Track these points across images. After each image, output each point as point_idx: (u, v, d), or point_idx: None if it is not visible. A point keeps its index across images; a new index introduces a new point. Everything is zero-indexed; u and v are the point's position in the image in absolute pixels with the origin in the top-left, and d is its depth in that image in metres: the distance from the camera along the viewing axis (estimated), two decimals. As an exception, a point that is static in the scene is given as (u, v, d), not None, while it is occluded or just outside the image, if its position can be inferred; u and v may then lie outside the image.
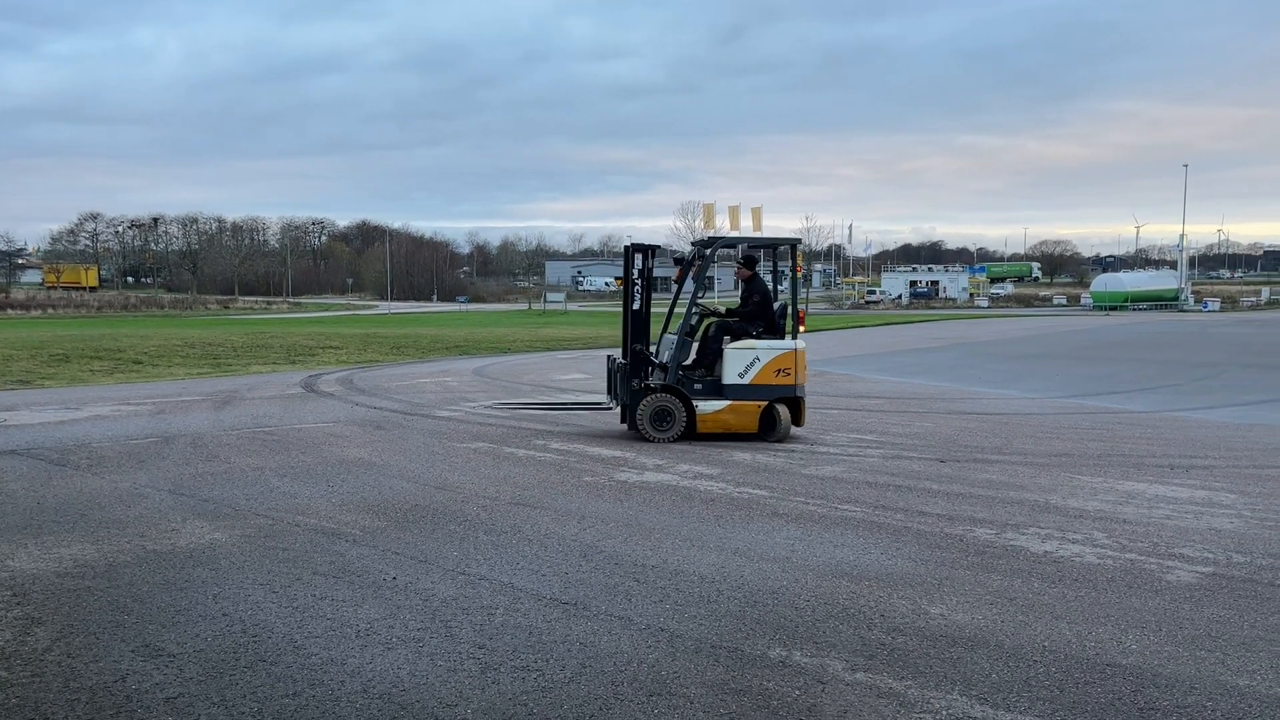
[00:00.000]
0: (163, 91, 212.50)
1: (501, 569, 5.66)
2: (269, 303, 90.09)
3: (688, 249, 11.56)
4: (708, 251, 10.98)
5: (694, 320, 10.77)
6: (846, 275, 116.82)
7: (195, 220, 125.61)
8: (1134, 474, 8.80)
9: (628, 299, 10.57)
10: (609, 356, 11.34)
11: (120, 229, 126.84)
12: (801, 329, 10.67)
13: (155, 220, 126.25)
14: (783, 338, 10.52)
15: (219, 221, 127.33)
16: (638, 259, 10.55)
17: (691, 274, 10.78)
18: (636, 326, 10.56)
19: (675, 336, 10.55)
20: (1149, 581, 5.55)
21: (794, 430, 10.65)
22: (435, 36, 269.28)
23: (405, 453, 9.63)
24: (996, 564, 5.88)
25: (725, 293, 76.22)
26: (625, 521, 6.85)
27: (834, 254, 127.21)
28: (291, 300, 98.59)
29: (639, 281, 10.56)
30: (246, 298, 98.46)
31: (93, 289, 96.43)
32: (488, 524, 6.74)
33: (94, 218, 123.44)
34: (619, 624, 4.77)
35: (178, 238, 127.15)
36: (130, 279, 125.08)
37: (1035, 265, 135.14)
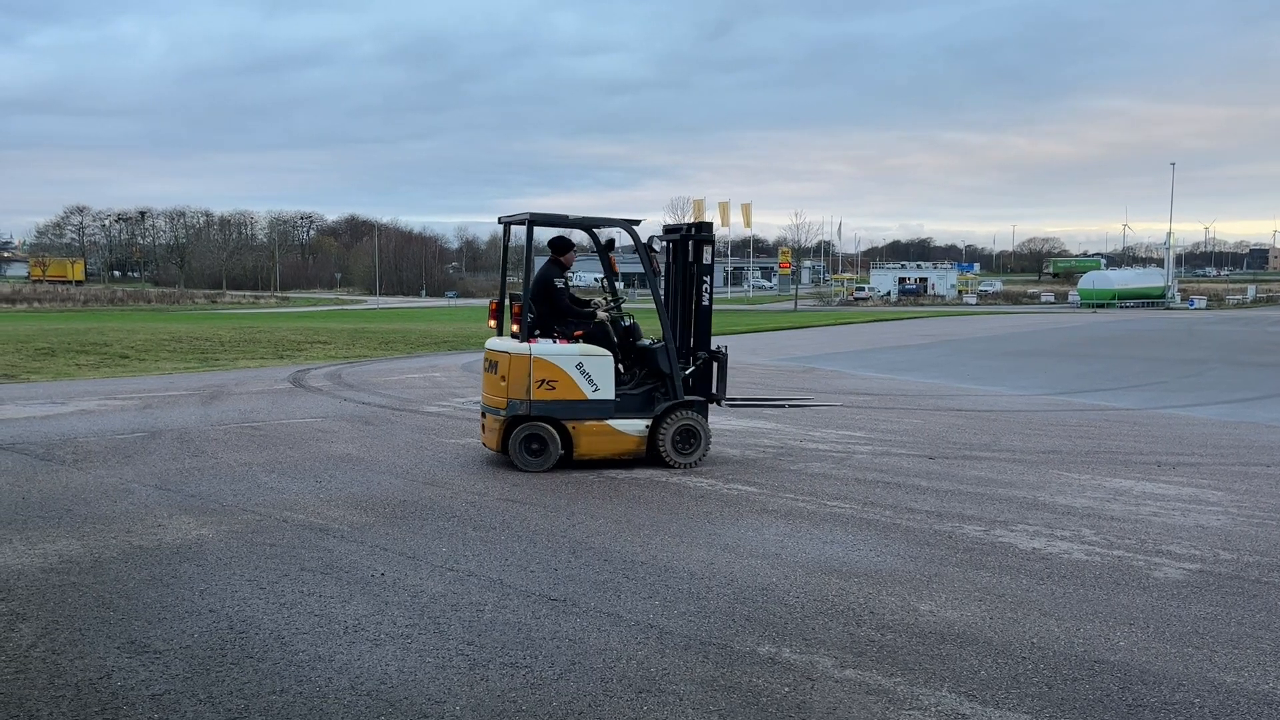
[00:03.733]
0: (147, 83, 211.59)
1: (490, 565, 5.65)
2: (257, 297, 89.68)
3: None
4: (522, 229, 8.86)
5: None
6: (836, 272, 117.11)
7: (182, 214, 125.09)
8: (1121, 471, 8.83)
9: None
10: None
11: (106, 222, 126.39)
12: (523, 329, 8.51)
13: (142, 214, 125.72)
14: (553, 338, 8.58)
15: (206, 215, 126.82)
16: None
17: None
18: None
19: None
20: (1137, 578, 5.57)
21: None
22: (421, 29, 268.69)
23: (393, 448, 9.59)
24: (985, 561, 5.89)
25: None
26: (614, 517, 6.84)
27: (823, 250, 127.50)
28: (279, 295, 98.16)
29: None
30: (234, 292, 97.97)
31: (79, 283, 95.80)
32: (476, 520, 6.72)
33: (80, 211, 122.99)
34: (608, 621, 4.76)
35: (165, 231, 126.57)
36: (117, 273, 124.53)
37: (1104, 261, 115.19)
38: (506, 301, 9.05)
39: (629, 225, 8.84)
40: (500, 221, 9.20)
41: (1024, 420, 12.38)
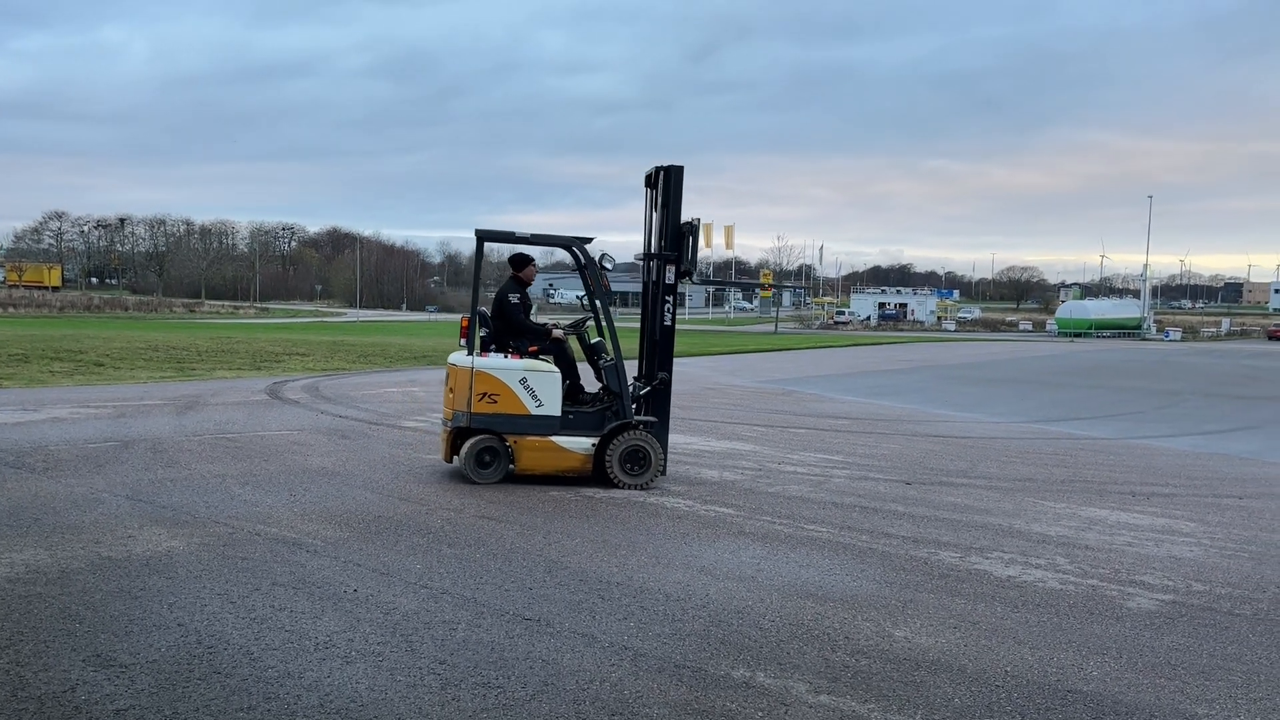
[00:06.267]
0: (130, 90, 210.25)
1: (464, 583, 5.60)
2: (236, 307, 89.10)
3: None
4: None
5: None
6: (816, 295, 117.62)
7: (163, 222, 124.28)
8: (1096, 500, 8.88)
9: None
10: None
11: (85, 229, 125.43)
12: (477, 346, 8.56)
13: (122, 221, 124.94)
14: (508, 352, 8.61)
15: (187, 224, 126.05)
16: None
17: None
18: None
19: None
20: (1110, 608, 5.59)
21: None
22: (408, 44, 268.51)
23: (370, 463, 9.52)
24: (960, 587, 5.90)
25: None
26: (591, 537, 6.81)
27: (804, 274, 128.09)
28: (259, 305, 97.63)
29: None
30: (213, 302, 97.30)
31: (55, 289, 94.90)
32: (451, 537, 6.67)
33: (59, 216, 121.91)
34: (582, 641, 4.73)
35: (144, 239, 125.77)
36: (94, 280, 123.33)
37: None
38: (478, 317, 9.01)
39: (575, 243, 8.78)
40: (476, 234, 9.12)
41: (1001, 448, 12.44)
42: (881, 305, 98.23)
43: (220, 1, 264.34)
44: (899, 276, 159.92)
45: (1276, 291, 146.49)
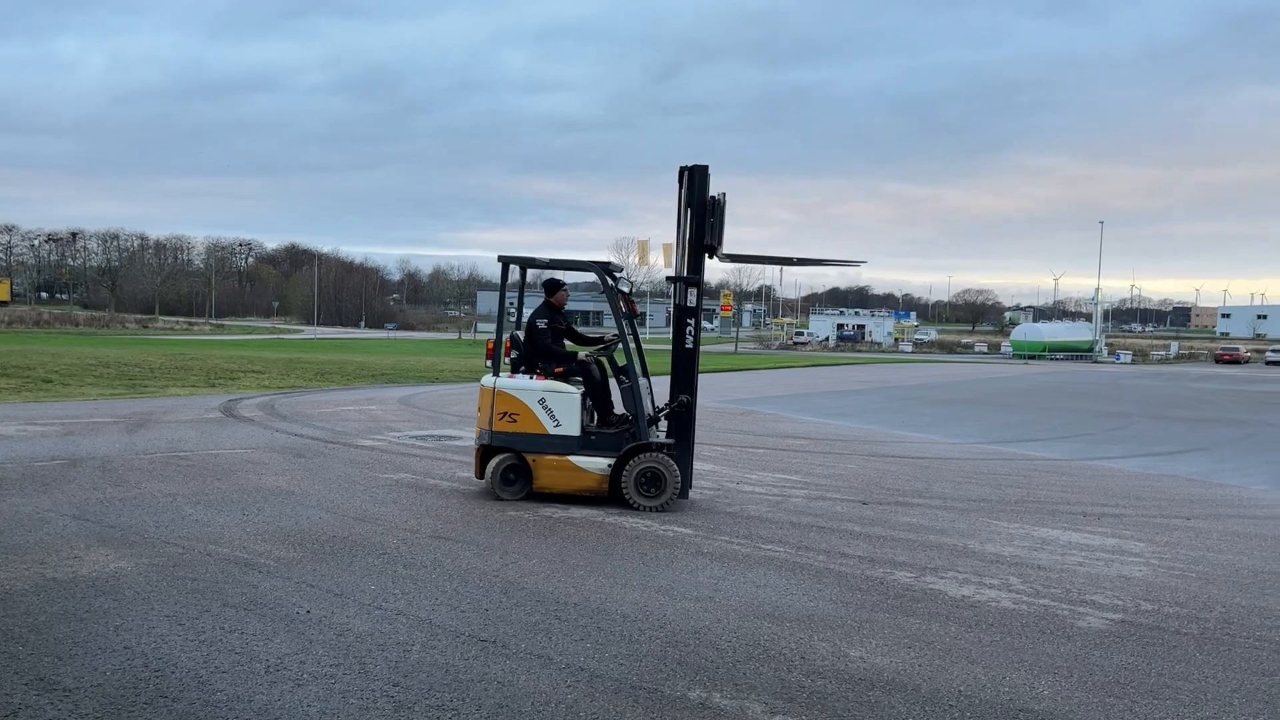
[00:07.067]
0: (84, 103, 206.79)
1: (420, 604, 5.55)
2: (190, 324, 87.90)
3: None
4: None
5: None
6: (776, 316, 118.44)
7: (116, 236, 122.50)
8: (1049, 520, 9.00)
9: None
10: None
11: (36, 242, 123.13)
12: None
13: (74, 235, 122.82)
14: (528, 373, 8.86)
15: (141, 239, 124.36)
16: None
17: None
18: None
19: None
20: (1061, 627, 5.66)
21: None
22: (369, 60, 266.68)
23: (325, 482, 9.42)
24: (915, 607, 5.95)
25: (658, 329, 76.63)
26: (548, 557, 6.78)
27: (764, 295, 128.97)
28: (214, 322, 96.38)
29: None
30: (167, 318, 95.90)
31: (4, 304, 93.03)
32: (407, 557, 6.61)
33: (8, 230, 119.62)
34: (538, 663, 4.70)
35: (97, 254, 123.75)
36: (44, 294, 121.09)
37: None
38: (504, 338, 9.13)
39: (599, 267, 9.06)
40: (499, 260, 9.26)
41: (956, 468, 12.58)
42: (840, 326, 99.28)
43: (177, 15, 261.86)
44: (857, 298, 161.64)
45: (1224, 316, 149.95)
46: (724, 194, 8.86)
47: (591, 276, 9.33)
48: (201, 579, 5.85)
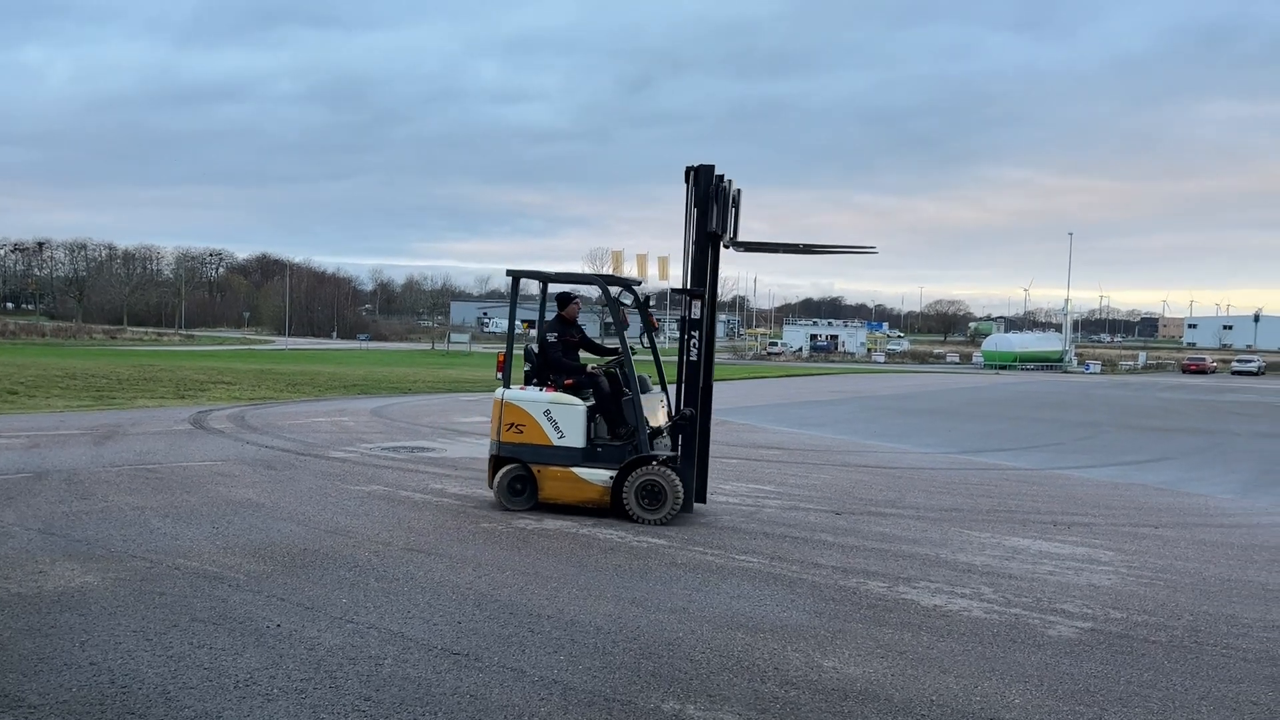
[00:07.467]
0: (51, 111, 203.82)
1: (392, 617, 5.51)
2: (160, 334, 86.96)
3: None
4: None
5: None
6: (750, 326, 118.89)
7: (84, 246, 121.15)
8: (1020, 530, 9.08)
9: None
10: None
11: (1, 252, 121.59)
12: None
13: (40, 244, 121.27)
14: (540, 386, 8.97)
15: (109, 248, 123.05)
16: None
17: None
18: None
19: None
20: (1032, 636, 5.71)
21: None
22: (341, 70, 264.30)
23: (296, 494, 9.33)
24: (888, 617, 5.97)
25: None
26: (522, 569, 6.75)
27: (738, 305, 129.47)
28: (184, 333, 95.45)
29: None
30: (136, 328, 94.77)
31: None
32: (379, 570, 6.56)
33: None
34: (511, 675, 4.68)
35: (64, 264, 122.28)
36: (10, 305, 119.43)
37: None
38: (515, 351, 9.27)
39: (601, 280, 9.16)
40: (509, 274, 9.47)
41: (928, 478, 12.66)
42: (813, 337, 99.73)
43: (147, 24, 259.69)
44: (830, 309, 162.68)
45: (1190, 326, 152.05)
46: (730, 180, 8.83)
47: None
48: (170, 593, 5.78)
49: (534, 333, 9.57)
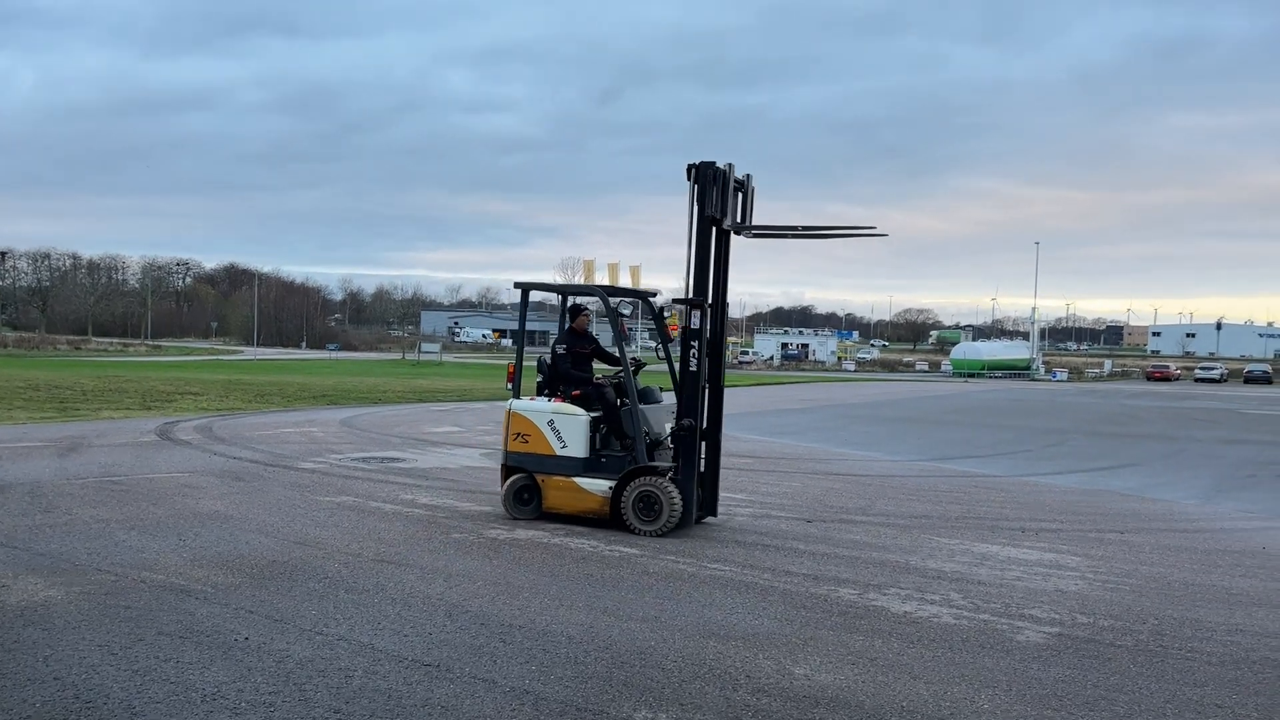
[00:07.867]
0: (13, 120, 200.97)
1: (362, 629, 5.47)
2: (125, 345, 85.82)
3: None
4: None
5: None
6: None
7: (47, 256, 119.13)
8: (988, 536, 9.16)
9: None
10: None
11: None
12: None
13: (3, 254, 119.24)
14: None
15: (73, 258, 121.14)
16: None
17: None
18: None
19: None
20: (1000, 642, 5.76)
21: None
22: (308, 79, 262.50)
23: (265, 506, 9.25)
24: (859, 624, 6.00)
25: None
26: (493, 580, 6.73)
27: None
28: (151, 343, 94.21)
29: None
30: (101, 339, 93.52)
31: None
32: (349, 582, 6.51)
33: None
34: (482, 686, 4.66)
35: (26, 273, 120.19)
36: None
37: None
38: (524, 363, 9.37)
39: (602, 291, 9.26)
40: (516, 286, 9.69)
41: (898, 485, 12.74)
42: (784, 345, 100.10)
43: (111, 32, 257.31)
44: (800, 318, 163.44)
45: (1155, 334, 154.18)
46: (731, 167, 8.85)
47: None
48: (135, 607, 5.70)
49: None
